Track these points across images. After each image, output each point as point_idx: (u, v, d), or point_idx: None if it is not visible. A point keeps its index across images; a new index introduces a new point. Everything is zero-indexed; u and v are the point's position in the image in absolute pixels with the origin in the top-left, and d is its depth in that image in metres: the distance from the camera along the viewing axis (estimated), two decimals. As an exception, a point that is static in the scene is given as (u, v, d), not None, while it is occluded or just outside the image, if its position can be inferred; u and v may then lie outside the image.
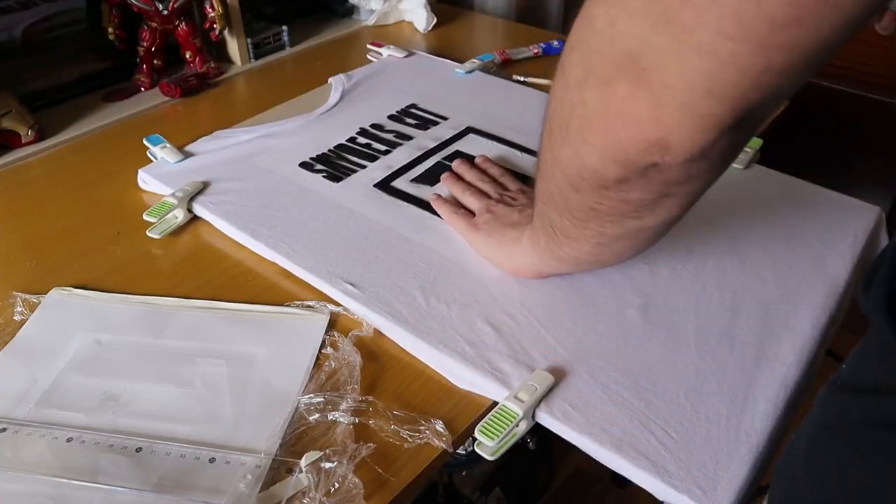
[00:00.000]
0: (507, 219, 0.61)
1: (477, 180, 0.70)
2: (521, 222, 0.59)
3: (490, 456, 0.47)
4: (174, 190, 0.70)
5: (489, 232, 0.61)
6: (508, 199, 0.65)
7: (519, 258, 0.58)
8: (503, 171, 0.71)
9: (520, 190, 0.67)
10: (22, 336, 0.56)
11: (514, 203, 0.64)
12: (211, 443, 0.48)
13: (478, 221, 0.63)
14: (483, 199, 0.66)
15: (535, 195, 0.50)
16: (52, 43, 0.92)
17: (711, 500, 0.44)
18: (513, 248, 0.58)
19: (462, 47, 1.06)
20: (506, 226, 0.60)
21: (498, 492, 1.09)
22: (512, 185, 0.69)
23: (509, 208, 0.62)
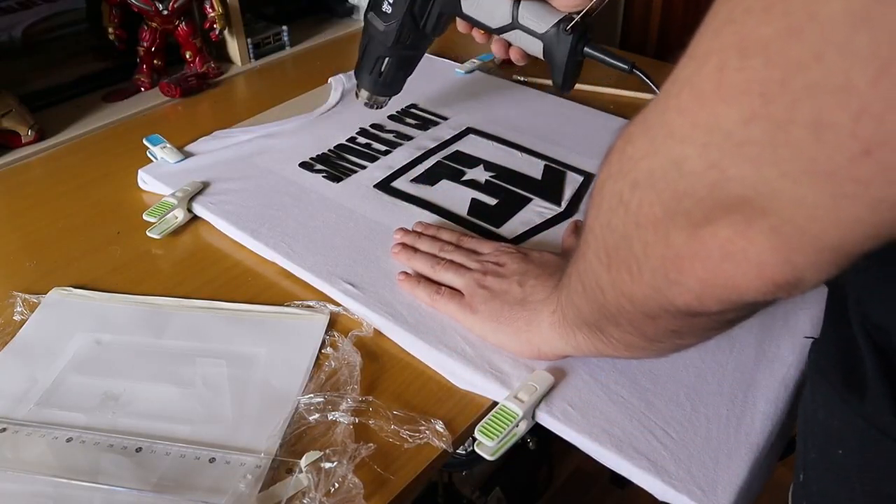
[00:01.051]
0: (508, 296, 0.53)
1: (438, 251, 0.60)
2: (527, 299, 0.52)
3: (490, 456, 0.47)
4: (174, 190, 0.70)
5: (493, 316, 0.53)
6: (493, 267, 0.56)
7: (540, 344, 0.51)
8: (459, 234, 0.63)
9: (498, 251, 0.58)
10: (22, 336, 0.56)
11: (503, 271, 0.55)
12: (211, 443, 0.48)
13: (473, 303, 0.54)
14: (464, 272, 0.57)
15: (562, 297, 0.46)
16: (52, 43, 0.92)
17: (711, 500, 0.44)
18: (529, 334, 0.51)
19: (462, 47, 1.06)
20: (511, 305, 0.52)
21: (498, 492, 1.09)
22: (483, 247, 0.60)
23: (504, 280, 0.54)
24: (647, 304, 0.35)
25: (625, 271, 0.34)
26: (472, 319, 0.54)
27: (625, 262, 0.34)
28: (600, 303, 0.39)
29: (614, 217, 0.33)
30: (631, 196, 0.31)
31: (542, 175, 0.74)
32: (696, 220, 0.28)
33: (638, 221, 0.31)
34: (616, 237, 0.34)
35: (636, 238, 0.32)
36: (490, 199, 0.70)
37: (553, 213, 0.68)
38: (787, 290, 0.28)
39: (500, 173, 0.74)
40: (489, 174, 0.74)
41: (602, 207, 0.34)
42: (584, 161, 0.75)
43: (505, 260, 0.56)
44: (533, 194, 0.71)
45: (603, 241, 0.35)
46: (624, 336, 0.41)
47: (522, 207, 0.69)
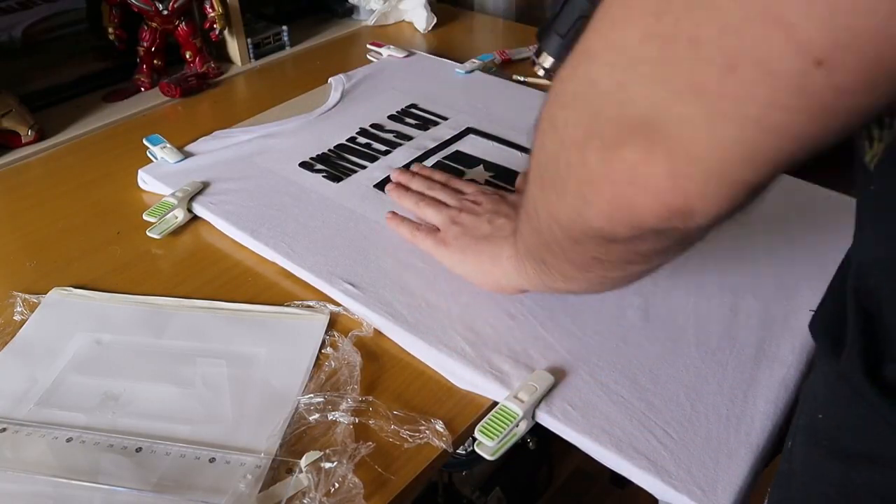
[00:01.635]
0: (477, 231, 0.57)
1: (426, 189, 0.65)
2: (493, 235, 0.55)
3: (490, 456, 0.47)
4: (174, 190, 0.70)
5: (461, 249, 0.57)
6: (470, 205, 0.60)
7: (500, 277, 0.54)
8: (450, 177, 0.68)
9: (478, 191, 0.63)
10: (22, 336, 0.56)
11: (478, 209, 0.59)
12: (211, 443, 0.48)
13: (446, 237, 0.59)
14: (442, 209, 0.61)
15: (518, 228, 0.48)
16: (52, 43, 0.92)
17: (711, 500, 0.44)
18: (492, 267, 0.54)
19: (462, 47, 1.06)
20: (479, 240, 0.56)
21: (498, 492, 1.09)
22: (467, 187, 0.64)
23: (476, 218, 0.58)
24: (570, 227, 0.37)
25: (553, 191, 0.36)
26: (442, 252, 0.58)
27: (553, 182, 0.36)
28: (537, 228, 0.41)
29: (547, 139, 0.35)
30: (558, 118, 0.33)
31: (542, 175, 0.74)
32: (609, 141, 0.30)
33: (563, 141, 0.33)
34: (547, 158, 0.36)
35: (562, 158, 0.34)
36: (490, 199, 0.70)
37: (553, 213, 0.68)
38: (680, 218, 0.30)
39: (500, 173, 0.74)
40: (489, 174, 0.74)
41: (539, 131, 0.36)
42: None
43: (482, 199, 0.60)
44: (533, 194, 0.71)
45: (538, 164, 0.37)
46: (559, 264, 0.43)
47: (522, 207, 0.69)
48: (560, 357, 0.53)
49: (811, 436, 0.39)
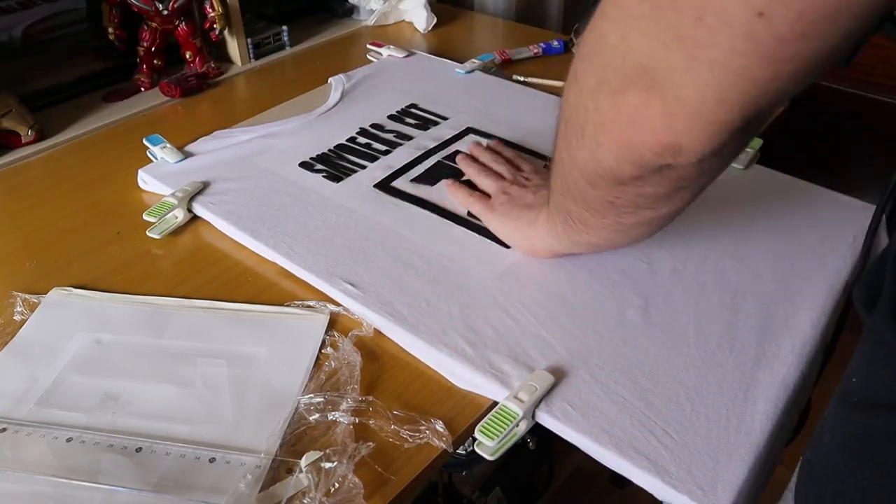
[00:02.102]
0: (521, 200, 0.62)
1: (491, 162, 0.71)
2: (535, 203, 0.60)
3: (490, 456, 0.47)
4: (174, 190, 0.70)
5: (505, 213, 0.62)
6: (522, 179, 0.66)
7: (535, 239, 0.59)
8: (517, 154, 0.73)
9: (533, 170, 0.69)
10: (22, 336, 0.56)
11: (527, 184, 0.65)
12: (211, 443, 0.48)
13: (494, 203, 0.64)
14: (498, 180, 0.67)
15: (550, 185, 0.52)
16: (52, 43, 0.92)
17: (711, 500, 0.44)
18: (529, 230, 0.60)
19: (462, 47, 1.06)
20: (521, 207, 0.61)
21: (498, 492, 1.09)
22: (525, 165, 0.70)
23: (524, 189, 0.64)
24: (587, 168, 0.42)
25: (574, 138, 0.41)
26: (488, 216, 0.64)
27: (574, 129, 0.41)
28: (562, 174, 0.47)
29: (570, 90, 0.40)
30: (578, 70, 0.38)
31: (542, 175, 0.74)
32: (615, 88, 0.35)
33: (581, 90, 0.38)
34: (570, 107, 0.41)
35: (580, 106, 0.39)
36: (490, 199, 0.70)
37: (553, 213, 0.68)
38: (672, 154, 0.35)
39: (500, 173, 0.74)
40: (489, 174, 0.74)
41: (566, 84, 0.41)
42: (584, 161, 0.75)
43: (534, 176, 0.67)
44: (533, 194, 0.71)
45: (563, 114, 0.42)
46: (580, 212, 0.49)
47: (522, 207, 0.69)
48: (560, 357, 0.53)
49: (843, 397, 0.40)
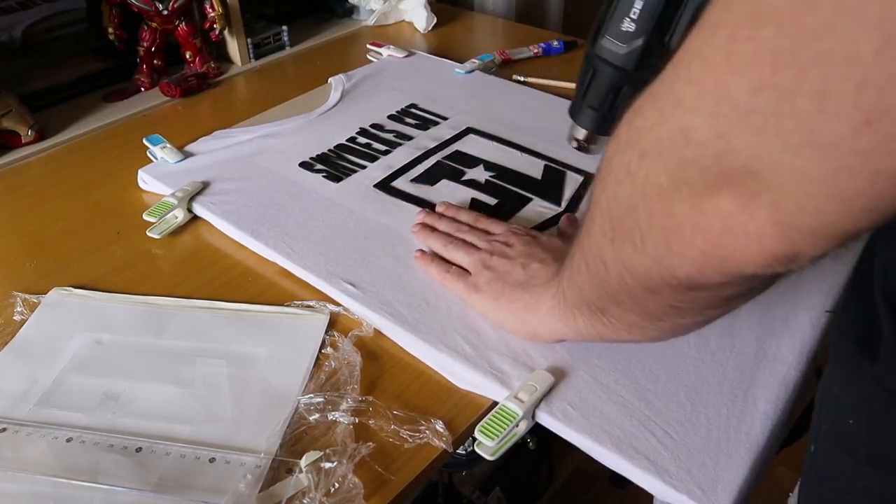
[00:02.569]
0: (510, 277, 0.55)
1: (454, 231, 0.63)
2: (529, 281, 0.53)
3: (490, 456, 0.47)
4: (174, 190, 0.70)
5: (494, 296, 0.55)
6: (501, 247, 0.58)
7: (537, 326, 0.52)
8: (477, 216, 0.65)
9: (509, 232, 0.60)
10: (22, 336, 0.56)
11: (510, 252, 0.57)
12: (211, 443, 0.48)
13: (477, 282, 0.56)
14: (472, 251, 0.59)
15: (565, 273, 0.46)
16: (52, 43, 0.92)
17: (711, 500, 0.44)
18: (527, 315, 0.52)
19: (462, 47, 1.06)
20: (513, 287, 0.54)
21: (498, 492, 1.09)
22: (495, 227, 0.62)
23: (509, 262, 0.56)
24: (648, 277, 0.35)
25: (628, 243, 0.35)
26: (475, 297, 0.56)
27: (629, 233, 0.34)
28: (602, 279, 0.39)
29: (621, 189, 0.34)
30: (638, 166, 0.32)
31: (542, 175, 0.74)
32: (700, 190, 0.29)
33: (644, 191, 0.32)
34: (622, 208, 0.34)
35: (641, 208, 0.32)
36: (490, 199, 0.70)
37: (553, 212, 0.68)
38: (784, 264, 0.29)
39: (500, 173, 0.74)
40: (489, 174, 0.74)
41: (609, 180, 0.35)
42: (583, 161, 0.75)
43: (513, 241, 0.58)
44: (533, 194, 0.71)
45: (609, 213, 0.36)
46: (625, 315, 0.41)
47: (522, 207, 0.69)
48: (560, 357, 0.53)
49: (841, 443, 0.38)
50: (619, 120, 0.69)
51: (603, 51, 0.56)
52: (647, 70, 0.55)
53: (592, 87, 0.58)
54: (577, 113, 0.61)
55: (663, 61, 0.60)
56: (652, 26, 0.54)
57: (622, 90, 0.57)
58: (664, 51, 0.55)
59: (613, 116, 0.59)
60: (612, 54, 0.55)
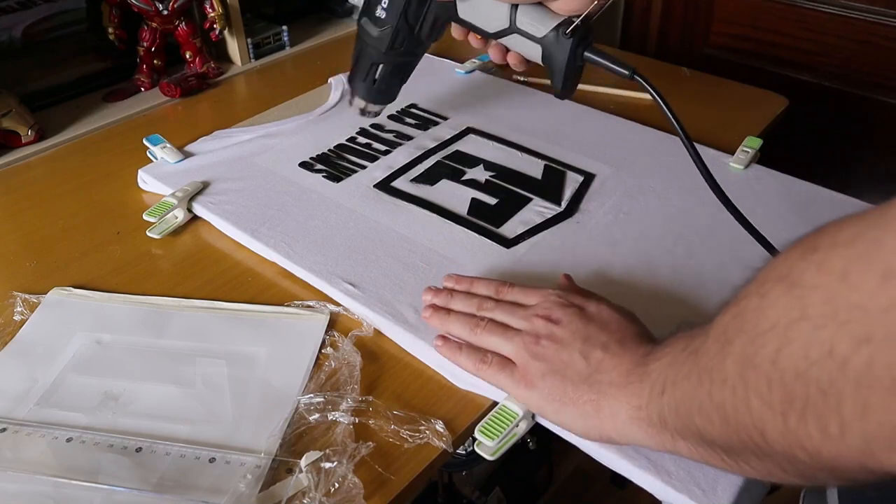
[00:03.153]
0: (570, 371, 0.46)
1: (476, 309, 0.53)
2: (594, 377, 0.45)
3: (490, 456, 0.47)
4: (174, 190, 0.70)
5: (555, 395, 0.46)
6: (546, 327, 0.48)
7: (610, 431, 0.44)
8: (497, 284, 0.54)
9: (549, 303, 0.50)
10: (22, 336, 0.56)
11: (560, 335, 0.47)
12: (211, 443, 0.48)
13: (528, 375, 0.47)
14: (510, 334, 0.49)
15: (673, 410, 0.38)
16: (52, 43, 0.92)
17: (711, 500, 0.44)
18: (600, 421, 0.44)
19: (462, 47, 1.06)
20: (576, 384, 0.45)
21: (498, 492, 1.09)
22: (528, 297, 0.52)
23: (564, 350, 0.47)
24: (837, 461, 0.29)
25: (814, 426, 0.28)
26: (528, 395, 0.47)
27: (819, 417, 0.28)
28: (748, 438, 0.32)
29: (814, 368, 0.27)
30: (853, 352, 0.26)
31: (542, 175, 0.74)
32: None
33: (860, 382, 0.26)
34: (812, 390, 0.28)
35: (850, 398, 0.26)
36: (490, 199, 0.70)
37: (553, 212, 0.68)
38: None
39: (500, 173, 0.74)
40: (489, 174, 0.74)
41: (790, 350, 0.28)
42: (583, 161, 0.75)
43: (558, 315, 0.49)
44: (533, 194, 0.71)
45: (781, 384, 0.29)
46: (765, 467, 0.34)
47: (522, 207, 0.69)
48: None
49: None
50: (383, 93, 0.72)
51: (362, 31, 0.66)
52: (404, 54, 0.67)
53: (359, 61, 0.69)
54: (353, 82, 0.71)
55: (416, 48, 0.67)
56: (399, 17, 0.63)
57: (381, 66, 0.67)
58: (415, 39, 0.65)
59: (381, 89, 0.70)
60: (369, 35, 0.66)
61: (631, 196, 0.70)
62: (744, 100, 0.89)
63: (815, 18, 1.26)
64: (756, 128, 0.81)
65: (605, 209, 0.69)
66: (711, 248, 0.63)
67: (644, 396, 0.41)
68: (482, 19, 0.61)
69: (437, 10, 0.63)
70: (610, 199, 0.70)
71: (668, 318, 0.57)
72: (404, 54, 0.67)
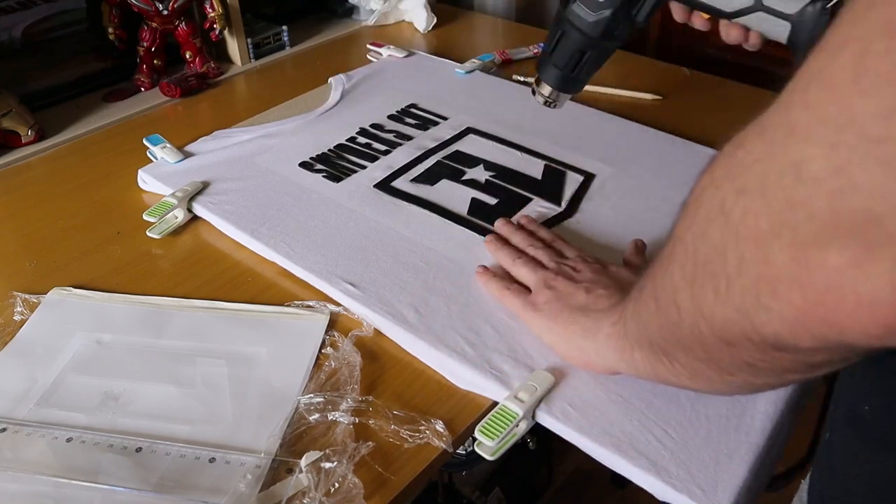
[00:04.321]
0: (571, 299, 0.52)
1: (527, 245, 0.61)
2: (589, 306, 0.51)
3: (490, 456, 0.47)
4: (174, 190, 0.70)
5: (552, 315, 0.52)
6: (568, 270, 0.56)
7: (591, 354, 0.48)
8: (555, 236, 0.63)
9: (580, 257, 0.58)
10: (22, 336, 0.56)
11: (576, 276, 0.55)
12: (211, 443, 0.48)
13: (536, 300, 0.54)
14: (538, 269, 0.57)
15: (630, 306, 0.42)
16: (52, 43, 0.92)
17: (711, 500, 0.44)
18: (583, 342, 0.49)
19: (462, 47, 1.06)
20: (572, 309, 0.51)
21: (498, 492, 1.09)
22: (568, 251, 0.60)
23: (573, 285, 0.53)
24: (727, 329, 0.31)
25: (710, 288, 0.31)
26: (531, 316, 0.54)
27: (712, 277, 0.30)
28: (673, 321, 0.35)
29: (711, 227, 0.30)
30: (735, 204, 0.28)
31: (542, 175, 0.74)
32: (806, 237, 0.25)
33: (738, 233, 0.28)
34: (708, 249, 0.30)
35: (732, 252, 0.28)
36: (490, 199, 0.70)
37: (553, 212, 0.68)
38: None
39: (500, 173, 0.74)
40: (489, 174, 0.74)
41: (697, 216, 0.31)
42: (584, 161, 0.75)
43: (581, 267, 0.56)
44: (533, 194, 0.71)
45: (693, 253, 0.32)
46: (692, 362, 0.37)
47: (523, 207, 0.69)
48: (560, 358, 0.53)
49: (857, 428, 0.38)
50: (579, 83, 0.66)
51: (573, 15, 0.60)
52: (613, 40, 0.61)
53: (559, 48, 0.63)
54: (543, 69, 0.65)
55: (628, 33, 0.61)
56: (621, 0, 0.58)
57: (586, 54, 0.62)
58: (630, 24, 0.60)
59: (577, 78, 0.65)
60: (581, 20, 0.60)
61: (631, 196, 0.70)
62: (744, 100, 0.89)
63: (815, 18, 1.25)
64: (756, 128, 0.80)
65: (605, 209, 0.69)
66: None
67: (618, 314, 0.45)
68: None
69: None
70: (610, 199, 0.70)
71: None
72: (616, 39, 0.61)
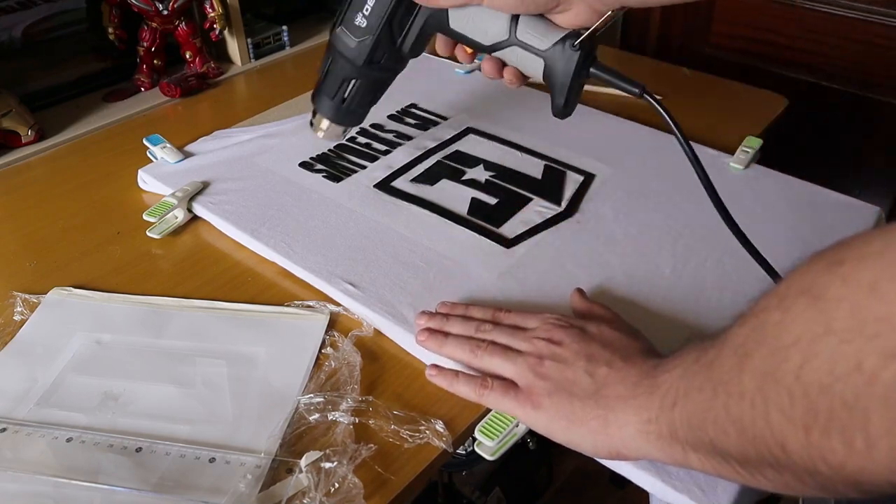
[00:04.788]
0: (575, 387, 0.45)
1: (475, 332, 0.52)
2: (601, 393, 0.44)
3: (490, 456, 0.47)
4: (174, 190, 0.70)
5: (560, 413, 0.45)
6: (548, 348, 0.48)
7: (619, 445, 0.43)
8: (493, 310, 0.54)
9: (549, 325, 0.50)
10: (22, 336, 0.56)
11: (565, 356, 0.47)
12: (211, 443, 0.48)
13: (534, 396, 0.46)
14: (514, 357, 0.49)
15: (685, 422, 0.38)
16: (52, 43, 0.92)
17: (711, 500, 0.44)
18: (608, 437, 0.43)
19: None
20: (583, 400, 0.45)
21: (498, 492, 1.09)
22: (528, 321, 0.52)
23: (567, 368, 0.46)
24: (862, 475, 0.28)
25: (838, 441, 0.28)
26: (535, 416, 0.46)
27: (843, 432, 0.28)
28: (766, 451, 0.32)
29: (840, 383, 0.27)
30: (882, 368, 0.25)
31: (542, 175, 0.74)
32: None
33: (888, 397, 0.25)
34: (837, 404, 0.27)
35: (878, 413, 0.26)
36: (490, 199, 0.70)
37: (553, 212, 0.68)
38: None
39: (500, 173, 0.74)
40: (489, 174, 0.74)
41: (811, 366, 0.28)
42: (583, 161, 0.75)
43: (559, 336, 0.49)
44: (533, 194, 0.71)
45: (804, 401, 0.29)
46: (782, 479, 0.33)
47: (522, 207, 0.69)
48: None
49: None
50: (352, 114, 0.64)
51: (338, 41, 0.60)
52: (379, 70, 0.61)
53: (329, 75, 0.63)
54: (317, 99, 0.65)
55: (395, 63, 0.60)
56: (382, 26, 0.58)
57: (353, 82, 0.62)
58: (396, 53, 0.60)
59: (347, 108, 0.64)
60: (345, 46, 0.60)
61: (631, 196, 0.70)
62: (743, 100, 0.89)
63: (814, 18, 1.26)
64: (756, 128, 0.81)
65: (605, 209, 0.69)
66: (711, 248, 0.63)
67: (654, 409, 0.41)
68: (477, 30, 0.56)
69: (425, 18, 0.58)
70: (610, 199, 0.70)
71: (668, 318, 0.57)
72: (382, 69, 0.61)
